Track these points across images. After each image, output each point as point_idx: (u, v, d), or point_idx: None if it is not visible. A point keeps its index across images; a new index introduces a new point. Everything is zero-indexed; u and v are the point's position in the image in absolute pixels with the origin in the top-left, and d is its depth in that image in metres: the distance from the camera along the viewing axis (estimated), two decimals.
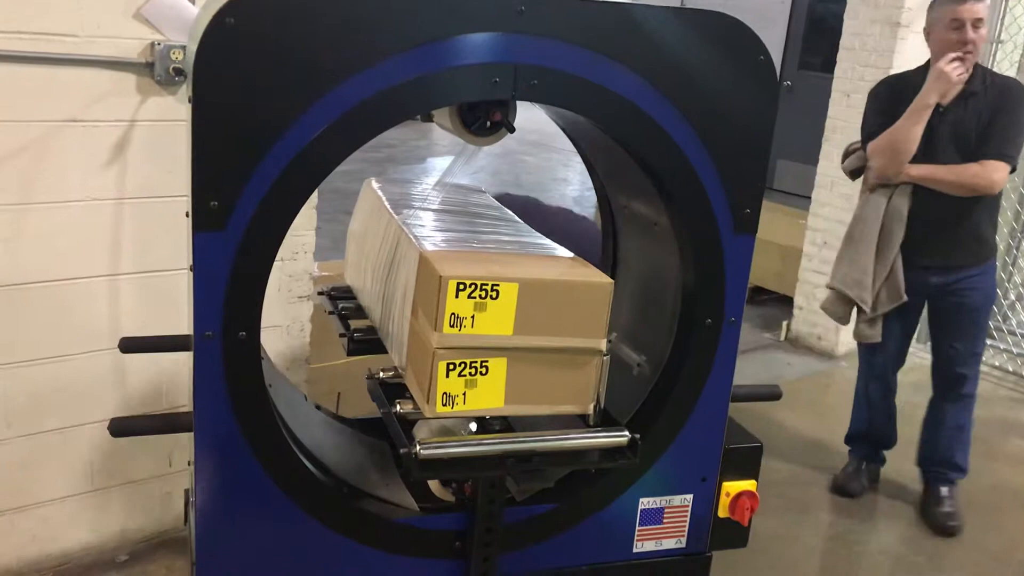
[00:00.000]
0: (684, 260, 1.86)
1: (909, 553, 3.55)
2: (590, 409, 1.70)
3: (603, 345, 1.67)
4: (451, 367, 1.56)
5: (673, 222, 1.85)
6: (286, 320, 3.16)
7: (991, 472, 4.18)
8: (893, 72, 4.98)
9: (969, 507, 3.70)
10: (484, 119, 1.82)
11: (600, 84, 1.66)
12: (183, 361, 2.04)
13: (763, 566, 3.32)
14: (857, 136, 3.37)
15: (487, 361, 1.58)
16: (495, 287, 1.56)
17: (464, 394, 1.59)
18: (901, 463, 3.97)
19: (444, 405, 1.58)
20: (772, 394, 2.20)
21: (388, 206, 2.00)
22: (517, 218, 2.13)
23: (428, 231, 1.81)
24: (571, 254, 1.82)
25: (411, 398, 1.73)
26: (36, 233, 2.62)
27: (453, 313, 1.54)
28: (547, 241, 1.92)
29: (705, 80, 1.73)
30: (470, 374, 1.58)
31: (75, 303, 2.72)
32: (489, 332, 1.57)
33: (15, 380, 2.69)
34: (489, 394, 1.60)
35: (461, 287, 1.53)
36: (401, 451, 1.62)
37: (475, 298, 1.54)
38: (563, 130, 2.15)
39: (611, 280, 1.67)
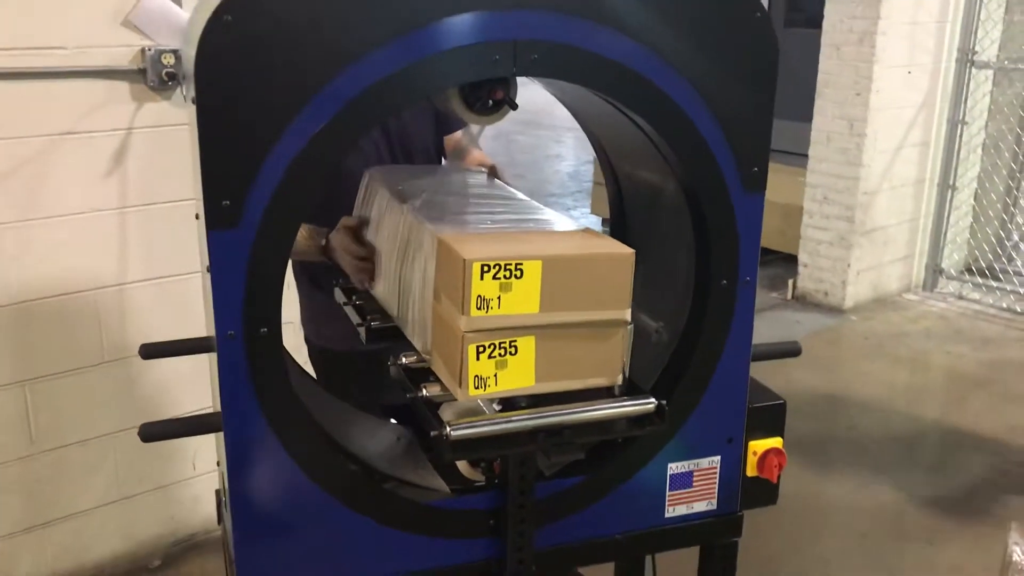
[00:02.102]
0: (695, 223, 1.86)
1: (928, 505, 3.58)
2: (619, 380, 1.70)
3: (628, 315, 1.67)
4: (481, 349, 1.56)
5: (682, 186, 1.85)
6: None
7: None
8: (882, 21, 4.98)
9: None
10: (487, 98, 1.81)
11: (599, 53, 1.66)
12: (200, 364, 2.05)
13: (788, 524, 3.35)
14: (851, 88, 3.33)
15: (515, 341, 1.58)
16: (519, 266, 1.55)
17: (495, 375, 1.58)
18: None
19: (477, 388, 1.58)
20: (791, 350, 2.21)
21: (394, 194, 2.00)
22: (525, 196, 2.13)
23: (439, 215, 1.80)
24: (584, 227, 1.82)
25: (436, 381, 1.73)
26: (43, 248, 2.62)
27: (479, 295, 1.53)
28: (558, 216, 1.91)
29: (704, 41, 1.73)
30: (500, 355, 1.57)
31: (87, 315, 2.73)
32: (516, 312, 1.56)
33: (35, 396, 2.70)
34: (520, 373, 1.60)
35: (485, 268, 1.52)
36: (432, 434, 1.62)
37: (500, 279, 1.53)
38: (565, 105, 2.15)
39: (633, 251, 1.66)
